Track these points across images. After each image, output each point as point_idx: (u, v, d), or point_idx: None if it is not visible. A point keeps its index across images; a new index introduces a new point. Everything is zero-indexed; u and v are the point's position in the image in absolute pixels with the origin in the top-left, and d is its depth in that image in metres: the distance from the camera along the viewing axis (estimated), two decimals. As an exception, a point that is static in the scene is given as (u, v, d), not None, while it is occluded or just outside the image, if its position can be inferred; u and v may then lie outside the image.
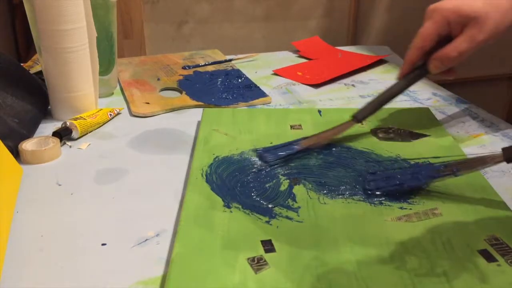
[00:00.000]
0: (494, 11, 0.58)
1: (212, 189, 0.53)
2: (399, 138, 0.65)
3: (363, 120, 0.64)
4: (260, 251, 0.44)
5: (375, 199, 0.52)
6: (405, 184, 0.53)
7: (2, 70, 0.70)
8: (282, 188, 0.54)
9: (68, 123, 0.67)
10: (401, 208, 0.51)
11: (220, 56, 1.00)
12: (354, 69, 0.93)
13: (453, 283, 0.41)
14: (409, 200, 0.52)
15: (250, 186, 0.54)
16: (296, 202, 0.52)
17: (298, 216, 0.50)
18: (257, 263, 0.43)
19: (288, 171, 0.57)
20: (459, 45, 0.59)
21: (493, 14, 0.58)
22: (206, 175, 0.56)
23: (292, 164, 0.59)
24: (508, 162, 0.50)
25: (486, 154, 0.52)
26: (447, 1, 0.60)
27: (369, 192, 0.53)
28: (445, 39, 0.61)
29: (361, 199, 0.52)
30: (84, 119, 0.68)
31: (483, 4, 0.58)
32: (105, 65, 0.79)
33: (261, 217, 0.49)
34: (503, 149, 0.51)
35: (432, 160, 0.58)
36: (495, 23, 0.58)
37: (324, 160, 0.60)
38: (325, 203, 0.52)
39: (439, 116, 0.73)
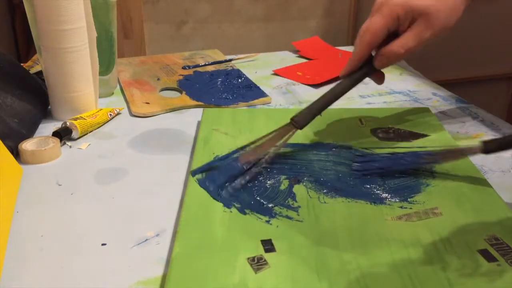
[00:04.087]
0: (443, 8, 0.57)
1: (212, 189, 0.53)
2: (399, 138, 0.65)
3: (304, 126, 0.58)
4: (260, 251, 0.44)
5: (380, 192, 0.53)
6: (390, 168, 0.56)
7: (2, 70, 0.70)
8: (282, 187, 0.54)
9: (68, 123, 0.67)
10: (401, 207, 0.51)
11: (220, 56, 1.00)
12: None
13: (453, 283, 0.41)
14: (409, 200, 0.52)
15: (250, 185, 0.54)
16: (296, 202, 0.52)
17: (298, 215, 0.50)
18: (257, 263, 0.43)
19: (288, 171, 0.57)
20: (406, 42, 0.57)
21: (442, 11, 0.56)
22: (206, 175, 0.56)
23: (292, 164, 0.59)
24: (486, 153, 0.55)
25: (465, 146, 0.57)
26: None
27: (355, 172, 0.56)
28: (392, 34, 0.59)
29: (362, 198, 0.52)
30: (84, 119, 0.68)
31: (433, 1, 0.56)
32: (105, 65, 0.79)
33: (261, 216, 0.49)
34: (484, 142, 0.54)
35: (418, 149, 0.60)
36: (444, 20, 0.57)
37: (324, 160, 0.60)
38: (325, 203, 0.52)
39: (439, 116, 0.73)
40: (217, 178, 0.55)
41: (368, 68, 0.60)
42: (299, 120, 0.58)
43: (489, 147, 0.54)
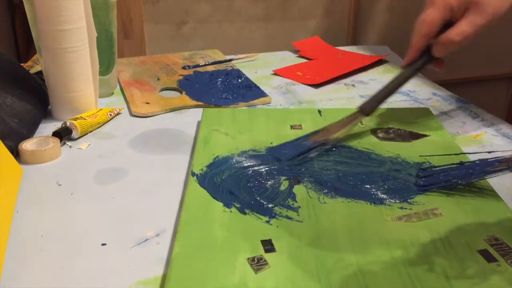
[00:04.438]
0: None
1: (212, 189, 0.53)
2: (399, 138, 0.65)
3: (371, 113, 0.64)
4: (260, 251, 0.44)
5: (381, 193, 0.53)
6: (458, 180, 0.54)
7: (2, 70, 0.70)
8: (282, 187, 0.54)
9: (68, 123, 0.67)
10: (401, 208, 0.51)
11: (220, 56, 1.00)
12: (354, 69, 0.93)
13: (453, 283, 0.41)
14: (409, 200, 0.52)
15: (250, 185, 0.54)
16: (296, 202, 0.52)
17: (298, 215, 0.50)
18: (257, 263, 0.43)
19: (288, 171, 0.57)
20: (462, 29, 0.60)
21: None
22: (206, 175, 0.56)
23: (292, 164, 0.59)
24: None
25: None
26: None
27: (422, 187, 0.54)
28: (447, 23, 0.62)
29: (362, 198, 0.52)
30: (84, 119, 0.68)
31: None
32: (105, 65, 0.79)
33: (261, 216, 0.49)
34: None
35: (434, 160, 0.59)
36: (495, 7, 0.59)
37: (324, 160, 0.60)
38: (325, 203, 0.52)
39: (439, 116, 0.73)
40: (288, 152, 0.60)
41: (428, 56, 0.64)
42: (366, 108, 0.63)
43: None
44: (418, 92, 0.84)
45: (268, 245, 0.45)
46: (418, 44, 0.63)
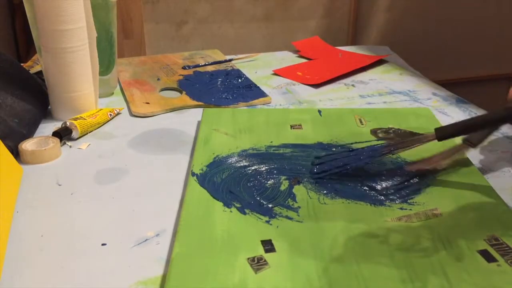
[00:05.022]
0: None
1: (212, 189, 0.53)
2: (399, 138, 0.65)
3: (478, 145, 0.58)
4: (260, 251, 0.44)
5: (377, 194, 0.53)
6: (348, 165, 0.56)
7: (2, 70, 0.70)
8: (282, 187, 0.54)
9: (68, 123, 0.67)
10: (401, 208, 0.51)
11: (220, 56, 1.00)
12: (354, 69, 0.93)
13: (453, 283, 0.41)
14: (409, 201, 0.52)
15: (250, 185, 0.54)
16: (296, 202, 0.52)
17: (298, 216, 0.50)
18: (257, 263, 0.43)
19: (288, 171, 0.57)
20: None
21: None
22: (206, 175, 0.56)
23: (292, 164, 0.59)
24: (439, 140, 0.55)
25: (420, 134, 0.57)
26: None
27: (315, 175, 0.56)
28: None
29: (362, 199, 0.52)
30: (84, 119, 0.68)
31: None
32: (105, 65, 0.79)
33: (261, 217, 0.49)
34: (436, 129, 0.56)
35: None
36: None
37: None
38: (325, 203, 0.52)
39: (439, 116, 0.73)
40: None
41: None
42: (472, 139, 0.58)
43: (441, 134, 0.55)
44: (418, 92, 0.84)
45: (268, 245, 0.45)
46: None
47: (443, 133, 0.56)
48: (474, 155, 0.59)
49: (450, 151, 0.58)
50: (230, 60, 0.97)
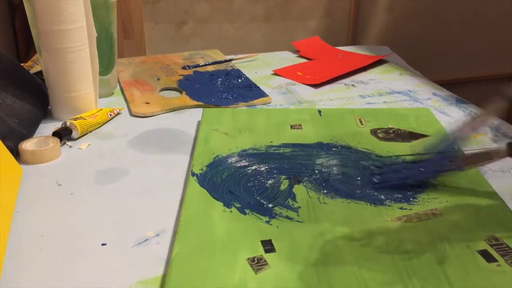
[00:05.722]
0: None
1: (212, 189, 0.53)
2: (399, 138, 0.65)
3: None
4: (260, 251, 0.44)
5: (380, 193, 0.53)
6: (410, 178, 0.54)
7: (2, 70, 0.70)
8: (282, 187, 0.54)
9: (68, 123, 0.67)
10: (401, 208, 0.51)
11: (220, 56, 1.00)
12: (354, 69, 0.93)
13: (453, 284, 0.41)
14: (409, 201, 0.52)
15: (250, 185, 0.54)
16: (296, 202, 0.52)
17: (298, 216, 0.50)
18: (257, 263, 0.43)
19: (288, 171, 0.57)
20: None
21: None
22: (206, 175, 0.56)
23: (292, 164, 0.59)
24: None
25: (490, 148, 0.52)
26: None
27: (375, 185, 0.54)
28: None
29: (362, 199, 0.52)
30: (84, 119, 0.68)
31: None
32: (105, 65, 0.79)
33: (261, 217, 0.49)
34: (508, 144, 0.51)
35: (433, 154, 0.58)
36: None
37: (324, 160, 0.60)
38: (325, 203, 0.52)
39: (439, 116, 0.73)
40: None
41: None
42: None
43: None
44: (418, 92, 0.84)
45: (268, 245, 0.45)
46: None
47: None
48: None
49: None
50: (230, 60, 0.97)
